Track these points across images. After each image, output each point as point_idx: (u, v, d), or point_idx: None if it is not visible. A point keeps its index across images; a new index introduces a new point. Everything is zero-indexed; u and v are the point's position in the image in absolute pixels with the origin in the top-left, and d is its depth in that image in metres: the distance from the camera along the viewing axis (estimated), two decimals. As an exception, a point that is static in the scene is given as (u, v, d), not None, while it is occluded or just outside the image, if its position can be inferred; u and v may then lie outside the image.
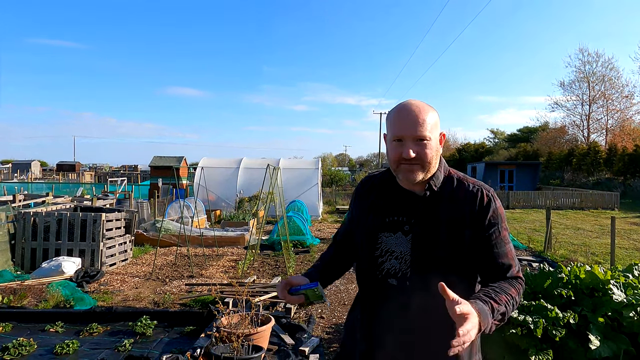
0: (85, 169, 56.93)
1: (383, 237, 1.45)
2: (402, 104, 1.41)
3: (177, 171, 12.07)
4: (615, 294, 3.09)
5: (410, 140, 1.36)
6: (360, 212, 1.57)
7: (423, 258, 1.39)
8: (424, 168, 1.38)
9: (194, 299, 5.68)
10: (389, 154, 1.42)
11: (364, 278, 1.54)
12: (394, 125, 1.39)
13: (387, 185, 1.50)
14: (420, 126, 1.35)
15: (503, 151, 50.32)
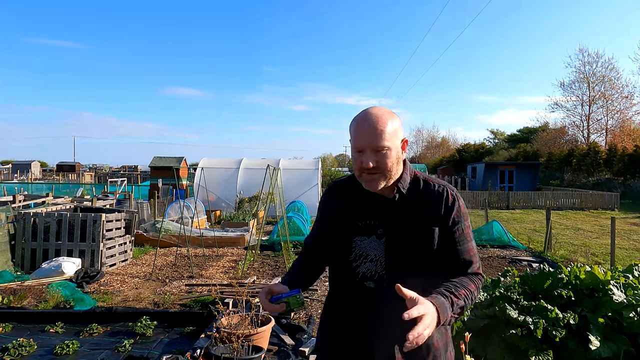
0: (85, 169, 56.94)
1: (357, 242, 1.49)
2: (362, 115, 1.43)
3: (177, 172, 12.07)
4: (615, 294, 3.09)
5: (369, 151, 1.40)
6: (330, 218, 1.59)
7: (398, 259, 1.44)
8: (385, 177, 1.43)
9: (194, 300, 5.68)
10: (353, 164, 1.47)
11: (339, 282, 1.56)
12: (354, 137, 1.43)
13: (356, 191, 1.53)
14: (379, 137, 1.38)
15: (503, 151, 50.34)
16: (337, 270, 1.56)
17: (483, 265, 8.13)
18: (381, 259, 1.45)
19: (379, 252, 1.46)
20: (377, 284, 1.45)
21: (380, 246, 1.46)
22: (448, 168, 45.09)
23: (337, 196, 1.60)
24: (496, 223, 10.99)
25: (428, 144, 73.74)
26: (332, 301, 1.62)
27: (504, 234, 10.57)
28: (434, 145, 71.71)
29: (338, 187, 1.63)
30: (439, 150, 67.72)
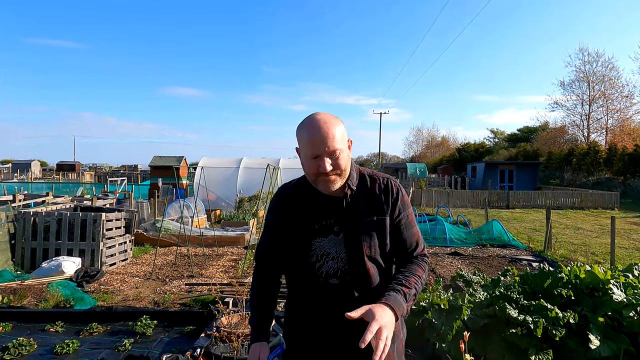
0: (85, 168, 56.95)
1: (316, 243, 1.55)
2: (311, 122, 1.48)
3: (177, 171, 12.07)
4: (615, 293, 3.09)
5: (325, 155, 1.46)
6: (285, 224, 1.61)
7: (357, 253, 1.53)
8: (341, 176, 1.51)
9: (194, 299, 5.68)
10: (306, 169, 1.52)
11: (302, 283, 1.60)
12: (308, 145, 1.47)
13: (306, 194, 1.59)
14: (332, 141, 1.45)
15: (503, 151, 50.33)
16: (299, 272, 1.60)
17: (483, 265, 8.15)
18: (342, 255, 1.53)
19: (339, 249, 1.54)
20: (341, 279, 1.53)
21: (339, 243, 1.54)
22: (448, 167, 45.08)
23: (288, 202, 1.62)
24: (496, 222, 10.99)
25: (428, 143, 73.72)
26: (296, 303, 1.65)
27: (503, 234, 10.57)
28: (433, 145, 71.68)
29: (288, 193, 1.64)
30: (439, 150, 67.70)
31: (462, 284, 4.40)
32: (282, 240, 1.63)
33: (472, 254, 9.16)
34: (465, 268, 7.76)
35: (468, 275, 4.26)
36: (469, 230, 11.49)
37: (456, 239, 10.49)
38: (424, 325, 3.73)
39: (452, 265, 8.12)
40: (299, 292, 1.63)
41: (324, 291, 1.54)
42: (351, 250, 1.53)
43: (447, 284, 5.13)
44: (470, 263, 8.28)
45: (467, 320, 3.34)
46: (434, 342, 3.45)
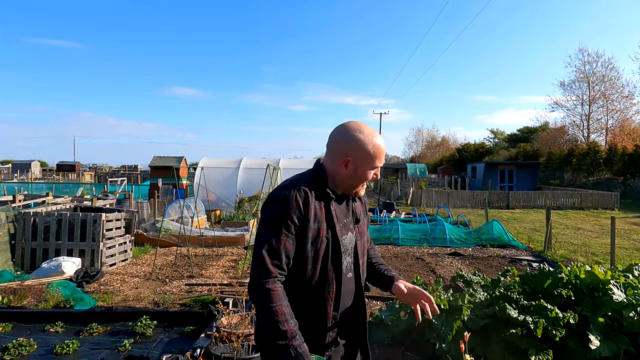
0: (85, 169, 56.94)
1: (343, 241, 1.63)
2: (376, 134, 1.64)
3: (177, 171, 12.07)
4: (615, 294, 3.09)
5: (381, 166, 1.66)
6: (314, 221, 1.55)
7: (362, 247, 1.71)
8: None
9: (194, 299, 5.68)
10: (364, 177, 1.63)
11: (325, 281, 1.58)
12: (378, 156, 1.63)
13: (325, 194, 1.64)
14: None
15: (503, 151, 50.34)
16: (322, 271, 1.57)
17: (483, 265, 8.15)
18: (354, 251, 1.67)
19: (353, 244, 1.67)
20: (355, 272, 1.68)
21: (353, 240, 1.67)
22: (448, 168, 45.07)
23: (311, 201, 1.57)
24: (496, 223, 10.99)
25: (428, 143, 73.72)
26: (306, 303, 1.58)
27: (503, 234, 10.57)
28: (434, 145, 71.69)
29: (307, 192, 1.57)
30: (439, 150, 67.71)
31: (462, 284, 4.40)
32: (310, 239, 1.54)
33: (472, 254, 9.16)
34: (465, 268, 7.76)
35: (468, 276, 4.26)
36: (469, 230, 11.49)
37: (456, 239, 10.49)
38: (424, 325, 3.73)
39: (452, 265, 8.12)
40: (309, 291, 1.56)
41: (345, 286, 1.63)
42: (361, 246, 1.69)
43: (447, 284, 5.12)
44: (470, 263, 8.28)
45: (467, 320, 3.34)
46: (434, 342, 3.45)
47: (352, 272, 1.67)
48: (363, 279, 1.71)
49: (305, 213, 1.53)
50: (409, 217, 14.88)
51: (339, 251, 1.59)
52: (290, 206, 1.51)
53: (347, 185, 1.66)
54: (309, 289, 1.57)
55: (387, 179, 35.27)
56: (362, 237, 1.72)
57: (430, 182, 36.23)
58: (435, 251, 9.51)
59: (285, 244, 1.50)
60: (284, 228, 1.50)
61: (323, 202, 1.60)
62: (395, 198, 23.66)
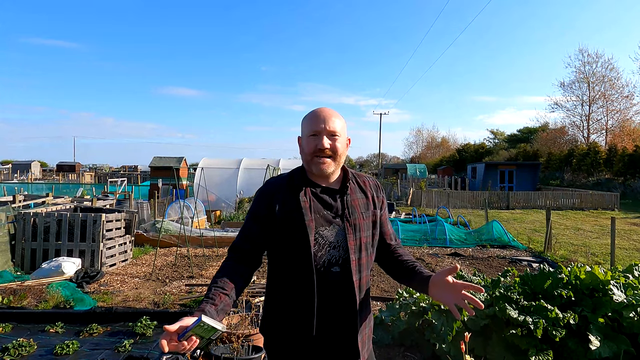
0: (85, 169, 56.94)
1: (319, 232, 1.60)
2: (317, 108, 1.66)
3: (177, 172, 12.08)
4: (615, 294, 3.09)
5: (324, 134, 1.60)
6: (282, 213, 1.60)
7: (357, 242, 1.64)
8: (335, 160, 1.63)
9: (194, 300, 5.68)
10: (305, 149, 1.64)
11: (299, 272, 1.58)
12: (310, 122, 1.63)
13: (304, 184, 1.64)
14: (333, 123, 1.62)
15: (503, 151, 50.36)
16: (298, 261, 1.58)
17: (483, 266, 8.15)
18: (343, 244, 1.61)
19: (341, 238, 1.61)
20: (343, 267, 1.61)
21: (341, 232, 1.62)
22: (448, 168, 45.08)
23: (280, 193, 1.63)
24: (496, 223, 10.99)
25: (428, 144, 73.76)
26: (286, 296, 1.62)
27: (504, 234, 10.57)
28: (434, 146, 71.73)
29: (277, 185, 1.67)
30: (439, 150, 67.75)
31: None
32: (281, 230, 1.60)
33: (472, 255, 9.16)
34: (465, 269, 7.76)
35: (468, 276, 4.26)
36: (469, 231, 11.49)
37: (456, 240, 10.49)
38: (424, 325, 3.73)
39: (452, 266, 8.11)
40: (291, 283, 1.60)
41: (323, 279, 1.58)
42: (353, 240, 1.63)
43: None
44: (470, 264, 8.28)
45: (467, 320, 3.34)
46: (434, 342, 3.45)
47: (340, 267, 1.60)
48: (359, 277, 1.62)
49: (272, 203, 1.62)
50: (409, 218, 14.88)
51: (306, 241, 1.55)
52: (260, 197, 1.66)
53: (307, 166, 1.66)
54: (286, 279, 1.63)
55: (387, 180, 35.30)
56: (356, 231, 1.63)
57: (430, 182, 36.26)
58: (435, 252, 9.51)
59: (247, 229, 1.66)
60: (251, 217, 1.67)
61: (294, 193, 1.62)
62: (395, 198, 23.65)
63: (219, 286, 1.52)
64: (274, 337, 1.67)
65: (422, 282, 1.64)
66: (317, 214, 1.61)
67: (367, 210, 1.70)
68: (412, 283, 1.72)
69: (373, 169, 67.92)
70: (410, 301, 3.92)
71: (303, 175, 1.67)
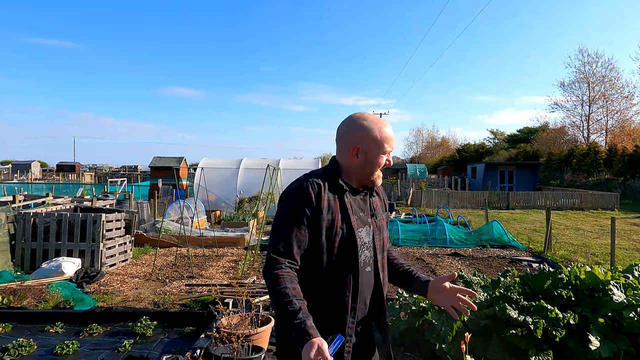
0: (85, 169, 56.94)
1: (359, 233, 1.63)
2: (382, 121, 1.68)
3: (177, 172, 12.07)
4: (615, 294, 3.09)
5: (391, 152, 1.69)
6: (327, 212, 1.58)
7: (381, 242, 1.71)
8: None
9: (194, 300, 5.68)
10: (374, 162, 1.64)
11: (341, 274, 1.58)
12: (388, 139, 1.65)
13: (338, 186, 1.65)
14: None
15: (503, 152, 50.37)
16: (340, 264, 1.57)
17: (483, 266, 8.15)
18: (371, 245, 1.66)
19: (370, 239, 1.67)
20: (373, 267, 1.67)
21: (370, 234, 1.67)
22: (448, 168, 45.07)
23: (324, 193, 1.59)
24: (496, 223, 10.99)
25: (428, 144, 73.77)
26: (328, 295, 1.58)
27: (504, 234, 10.57)
28: (434, 146, 71.74)
29: (320, 185, 1.60)
30: (439, 151, 67.76)
31: (462, 284, 4.40)
32: (324, 232, 1.56)
33: (472, 255, 9.16)
34: (465, 269, 7.75)
35: (468, 276, 4.26)
36: (469, 231, 11.49)
37: (456, 240, 10.49)
38: (424, 325, 3.73)
39: (452, 266, 8.12)
40: (330, 284, 1.57)
41: (362, 279, 1.61)
42: (379, 240, 1.69)
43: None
44: (470, 264, 8.28)
45: (467, 321, 3.34)
46: (434, 342, 3.45)
47: (371, 266, 1.65)
48: (383, 276, 1.69)
49: (317, 205, 1.56)
50: (409, 218, 14.88)
51: (354, 243, 1.58)
52: (303, 198, 1.56)
53: (362, 175, 1.67)
54: (326, 281, 1.58)
55: (387, 180, 35.28)
56: (380, 232, 1.71)
57: (430, 182, 36.25)
58: (435, 252, 9.51)
59: (296, 234, 1.54)
60: (296, 219, 1.55)
61: (337, 194, 1.62)
62: (395, 198, 23.65)
63: (301, 298, 1.45)
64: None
65: (420, 286, 1.74)
66: (356, 215, 1.64)
67: (383, 212, 1.79)
68: (410, 286, 1.80)
69: (373, 169, 67.84)
70: (410, 301, 3.92)
71: (340, 175, 1.66)
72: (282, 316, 1.43)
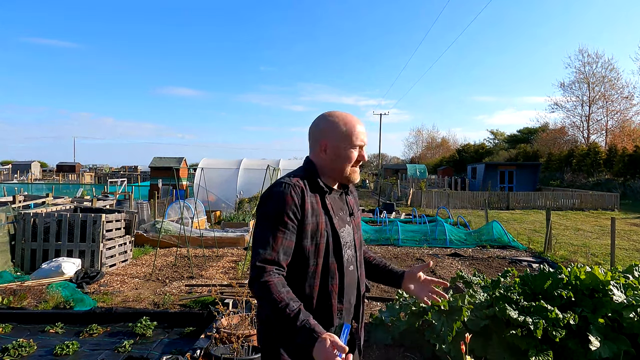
0: (85, 169, 56.94)
1: (341, 233, 1.62)
2: (351, 116, 1.66)
3: (177, 172, 12.07)
4: (615, 294, 3.09)
5: (364, 146, 1.67)
6: (311, 215, 1.54)
7: (359, 239, 1.72)
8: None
9: (194, 300, 5.68)
10: (345, 158, 1.62)
11: (326, 274, 1.57)
12: (357, 134, 1.63)
13: (319, 187, 1.63)
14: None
15: (503, 152, 50.39)
16: (325, 264, 1.56)
17: (483, 266, 8.15)
18: (353, 244, 1.67)
19: (351, 238, 1.67)
20: (356, 265, 1.67)
21: (351, 232, 1.67)
22: (448, 169, 45.08)
23: (307, 196, 1.56)
24: (496, 223, 10.99)
25: (428, 144, 73.83)
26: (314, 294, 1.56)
27: (504, 235, 10.57)
28: (434, 146, 71.79)
29: (302, 187, 1.56)
30: (439, 151, 67.81)
31: (462, 285, 4.40)
32: (308, 233, 1.53)
33: (472, 255, 9.16)
34: (465, 269, 7.75)
35: (468, 277, 4.26)
36: (469, 231, 11.49)
37: (456, 240, 10.49)
38: (424, 326, 3.73)
39: (452, 266, 8.12)
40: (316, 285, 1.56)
41: (346, 279, 1.61)
42: (357, 238, 1.70)
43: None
44: (470, 264, 8.28)
45: (467, 321, 3.34)
46: (434, 343, 3.45)
47: (354, 265, 1.66)
48: (361, 272, 1.70)
49: (302, 208, 1.52)
50: (409, 218, 14.88)
51: (339, 244, 1.58)
52: (286, 202, 1.50)
53: (335, 172, 1.64)
54: (314, 284, 1.56)
55: (387, 180, 35.28)
56: (358, 230, 1.73)
57: (430, 183, 36.27)
58: (435, 252, 9.51)
59: (282, 240, 1.50)
60: (280, 225, 1.50)
61: (319, 195, 1.60)
62: (395, 199, 23.65)
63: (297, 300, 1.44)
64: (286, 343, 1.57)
65: (394, 278, 1.79)
66: (337, 216, 1.63)
67: (358, 210, 1.80)
68: (384, 279, 1.82)
69: (373, 169, 67.87)
70: (410, 301, 3.92)
71: (317, 176, 1.63)
72: (282, 322, 1.39)
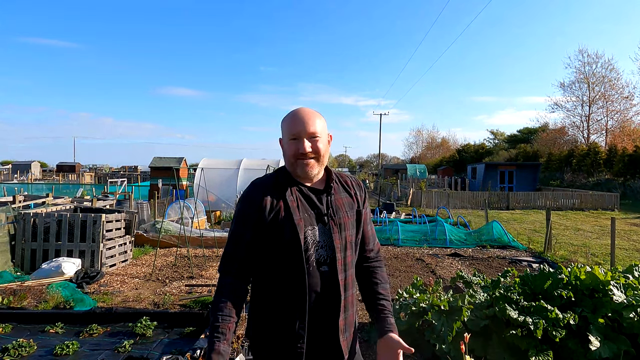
0: (85, 169, 56.95)
1: (307, 232, 1.59)
2: (295, 110, 1.65)
3: (177, 172, 12.07)
4: (615, 294, 3.09)
5: (305, 137, 1.59)
6: (271, 216, 1.58)
7: (343, 240, 1.64)
8: (318, 161, 1.63)
9: (194, 300, 5.68)
10: (287, 152, 1.62)
11: (290, 273, 1.58)
12: (290, 125, 1.61)
13: (288, 186, 1.63)
14: (313, 124, 1.60)
15: (503, 152, 50.39)
16: (288, 263, 1.57)
17: (483, 266, 8.15)
18: (330, 244, 1.61)
19: (327, 237, 1.62)
20: (331, 266, 1.61)
21: (327, 232, 1.62)
22: (449, 169, 45.08)
23: (267, 194, 1.61)
24: (496, 223, 10.99)
25: (428, 144, 73.83)
26: (274, 298, 1.61)
27: (504, 235, 10.57)
28: (434, 146, 71.80)
29: (263, 185, 1.64)
30: (439, 151, 67.81)
31: (462, 285, 4.40)
32: (268, 233, 1.58)
33: (472, 255, 9.16)
34: (465, 269, 7.75)
35: (468, 277, 4.26)
36: (469, 231, 11.49)
37: (456, 240, 10.49)
38: (424, 326, 3.73)
39: (452, 266, 8.12)
40: (281, 284, 1.59)
41: (314, 279, 1.58)
42: (339, 238, 1.63)
43: (447, 285, 5.12)
44: (470, 264, 8.28)
45: (467, 321, 3.34)
46: (434, 343, 3.45)
47: (328, 265, 1.60)
48: (343, 277, 1.61)
49: (260, 206, 1.59)
50: (409, 218, 14.88)
51: (298, 241, 1.55)
52: (249, 202, 1.61)
53: (291, 168, 1.64)
54: (277, 281, 1.61)
55: (387, 180, 35.30)
56: (341, 230, 1.64)
57: (430, 183, 36.28)
58: (435, 252, 9.51)
59: (240, 239, 1.60)
60: (241, 224, 1.61)
61: (281, 194, 1.61)
62: (395, 199, 23.66)
63: (226, 314, 1.53)
64: (261, 340, 1.65)
65: (379, 330, 1.69)
66: (305, 214, 1.61)
67: (351, 209, 1.71)
68: (373, 320, 1.74)
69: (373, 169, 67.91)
70: (410, 302, 3.92)
71: (288, 175, 1.66)
72: (210, 325, 1.52)
